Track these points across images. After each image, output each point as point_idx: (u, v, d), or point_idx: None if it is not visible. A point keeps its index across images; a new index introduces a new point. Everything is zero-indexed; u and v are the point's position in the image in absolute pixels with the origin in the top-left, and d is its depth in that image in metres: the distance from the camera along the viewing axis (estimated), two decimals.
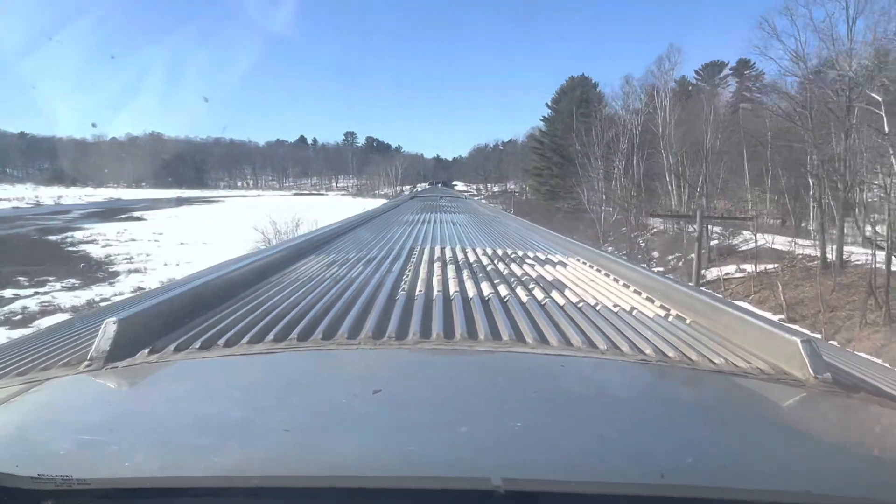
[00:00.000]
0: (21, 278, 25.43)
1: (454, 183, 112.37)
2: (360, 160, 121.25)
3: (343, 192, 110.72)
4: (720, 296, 12.72)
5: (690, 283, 14.56)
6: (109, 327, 1.78)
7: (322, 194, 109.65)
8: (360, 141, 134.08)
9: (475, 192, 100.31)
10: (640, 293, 3.00)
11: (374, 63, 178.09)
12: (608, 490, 0.98)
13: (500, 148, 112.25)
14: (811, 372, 1.71)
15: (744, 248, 28.23)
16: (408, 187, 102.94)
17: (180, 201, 76.64)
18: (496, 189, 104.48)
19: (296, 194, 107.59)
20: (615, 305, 2.69)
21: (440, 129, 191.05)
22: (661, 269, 27.59)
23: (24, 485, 0.94)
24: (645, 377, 1.80)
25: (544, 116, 55.59)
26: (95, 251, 36.46)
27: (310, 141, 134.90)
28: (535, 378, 1.73)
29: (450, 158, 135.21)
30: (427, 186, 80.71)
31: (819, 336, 14.83)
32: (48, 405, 1.53)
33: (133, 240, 41.80)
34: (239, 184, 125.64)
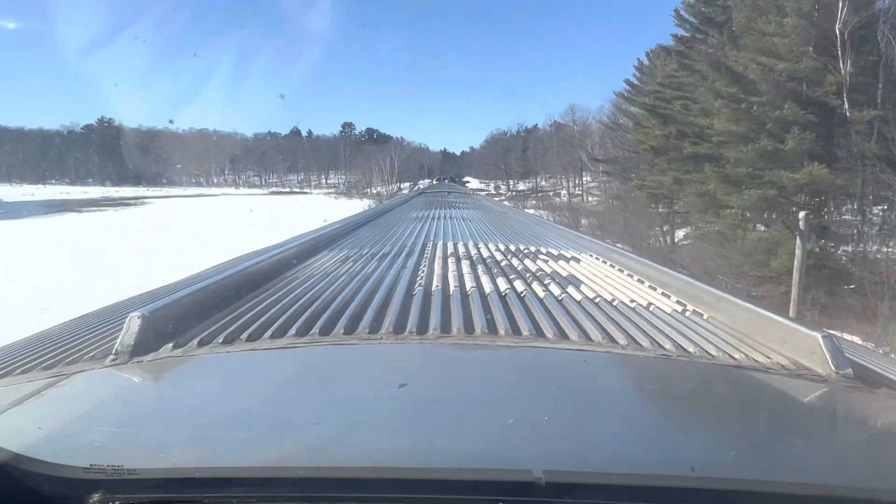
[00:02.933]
0: None
1: (465, 179, 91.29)
2: (356, 153, 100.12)
3: (330, 191, 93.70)
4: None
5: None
6: (133, 322, 1.80)
7: (305, 193, 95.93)
8: (362, 134, 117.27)
9: (493, 192, 78.51)
10: (655, 288, 2.98)
11: (374, 48, 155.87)
12: (643, 482, 0.99)
13: (523, 135, 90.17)
14: (832, 367, 1.69)
15: None
16: (407, 185, 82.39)
17: (49, 208, 56.33)
18: (521, 187, 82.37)
19: (272, 193, 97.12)
20: (632, 301, 2.67)
21: (448, 120, 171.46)
22: None
23: (77, 475, 0.96)
24: (667, 372, 1.78)
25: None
26: None
27: (304, 133, 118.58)
28: (558, 373, 1.73)
29: (458, 153, 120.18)
30: (434, 183, 71.39)
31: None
32: (79, 398, 1.56)
33: None
34: (215, 180, 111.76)
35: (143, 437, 1.19)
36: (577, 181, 72.13)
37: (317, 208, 43.95)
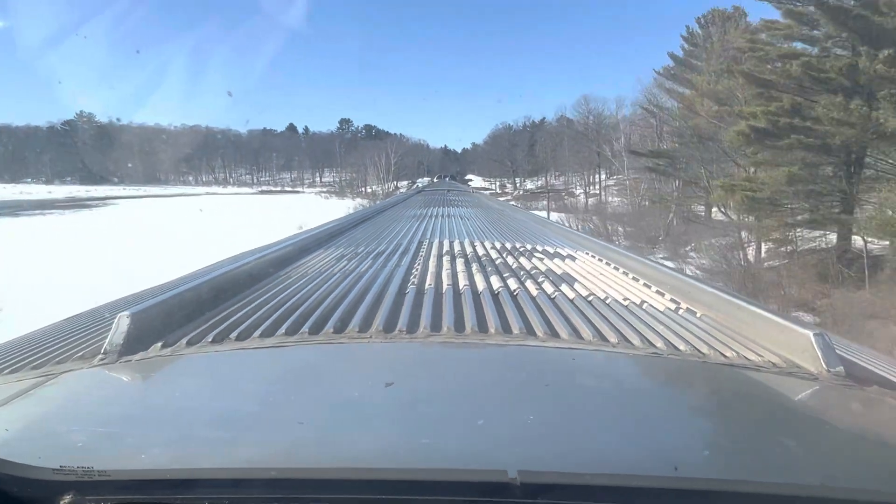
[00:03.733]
0: None
1: (468, 177, 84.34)
2: (352, 150, 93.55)
3: (323, 189, 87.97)
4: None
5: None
6: (123, 321, 1.80)
7: (297, 192, 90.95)
8: (360, 130, 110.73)
9: (498, 191, 71.71)
10: (649, 286, 2.95)
11: (372, 43, 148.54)
12: (623, 483, 0.99)
13: (529, 129, 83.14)
14: (824, 365, 1.69)
15: None
16: (405, 183, 75.72)
17: None
18: (530, 185, 75.48)
19: (260, 192, 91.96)
20: (625, 299, 2.65)
21: (449, 116, 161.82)
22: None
23: (46, 476, 0.96)
24: (656, 371, 1.77)
25: None
26: None
27: (300, 130, 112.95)
28: (547, 371, 1.73)
29: (459, 150, 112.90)
30: (434, 181, 67.26)
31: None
32: (65, 398, 1.56)
33: None
34: (205, 178, 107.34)
35: (121, 438, 1.18)
36: (591, 179, 65.27)
37: (296, 211, 39.29)
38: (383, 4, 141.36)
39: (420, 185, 62.68)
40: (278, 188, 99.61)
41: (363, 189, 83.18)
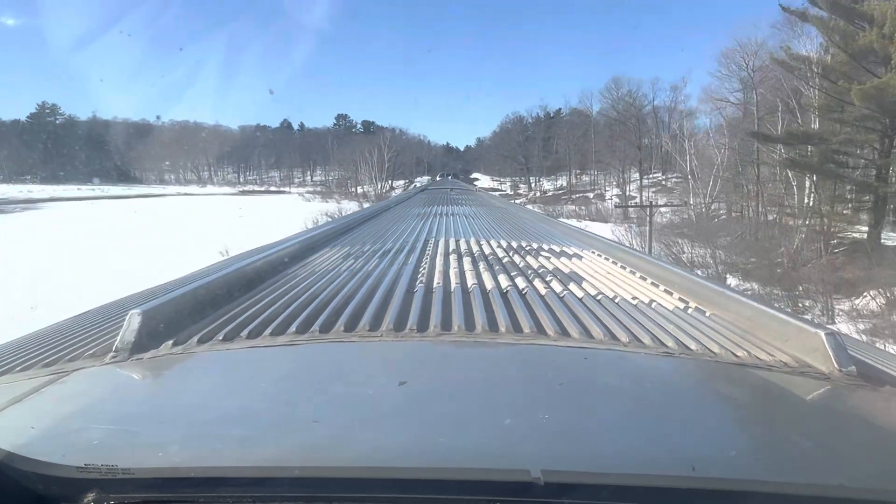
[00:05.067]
0: None
1: (473, 176, 73.45)
2: (345, 146, 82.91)
3: (309, 190, 79.69)
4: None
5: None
6: (134, 319, 1.79)
7: (282, 192, 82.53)
8: (357, 126, 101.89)
9: (510, 192, 60.74)
10: (657, 285, 2.94)
11: (371, 38, 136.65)
12: (643, 482, 0.99)
13: (543, 120, 71.97)
14: (836, 365, 1.68)
15: None
16: (401, 183, 65.05)
17: None
18: (548, 186, 64.39)
19: (241, 193, 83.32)
20: (634, 298, 2.64)
21: (452, 112, 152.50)
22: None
23: (71, 474, 0.96)
24: (668, 370, 1.76)
25: None
26: None
27: (296, 126, 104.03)
28: (559, 371, 1.72)
29: (461, 148, 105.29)
30: (437, 179, 61.13)
31: None
32: (79, 396, 1.55)
33: None
34: (188, 177, 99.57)
35: (140, 436, 1.19)
36: (623, 178, 54.18)
37: (247, 221, 31.73)
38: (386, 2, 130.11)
39: (419, 184, 55.78)
40: (263, 188, 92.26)
41: (354, 189, 72.75)
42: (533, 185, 68.26)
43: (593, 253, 4.17)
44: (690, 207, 35.67)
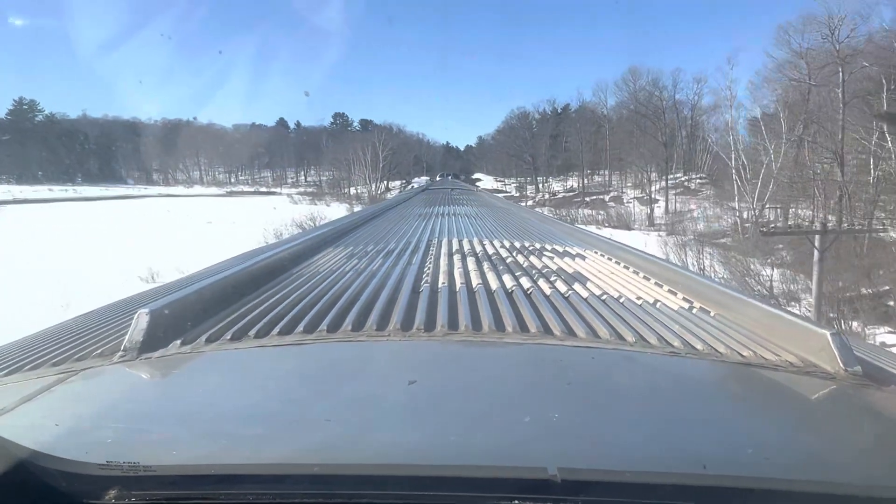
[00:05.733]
0: None
1: (475, 177, 68.59)
2: (339, 144, 77.88)
3: (299, 191, 74.59)
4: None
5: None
6: (142, 318, 1.79)
7: (273, 193, 77.49)
8: (354, 124, 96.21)
9: (516, 194, 55.63)
10: (661, 285, 2.94)
11: (369, 35, 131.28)
12: (658, 480, 1.00)
13: (549, 117, 66.70)
14: (841, 365, 1.68)
15: None
16: (398, 183, 60.45)
17: None
18: (557, 187, 59.25)
19: (228, 194, 78.23)
20: (638, 298, 2.64)
21: (450, 112, 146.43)
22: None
23: (93, 471, 0.97)
24: (675, 369, 1.77)
25: None
26: None
27: (292, 125, 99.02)
28: (567, 370, 1.72)
29: (463, 147, 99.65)
30: (437, 179, 56.46)
31: None
32: (90, 395, 1.57)
33: None
34: (178, 178, 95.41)
35: (155, 434, 1.20)
36: (641, 178, 49.00)
37: (204, 233, 27.63)
38: None
39: (417, 185, 51.67)
40: (252, 189, 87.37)
41: (347, 190, 67.68)
42: (541, 185, 62.96)
43: (596, 253, 4.19)
44: (735, 213, 30.71)
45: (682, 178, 48.80)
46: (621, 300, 2.57)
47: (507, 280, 2.92)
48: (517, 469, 1.00)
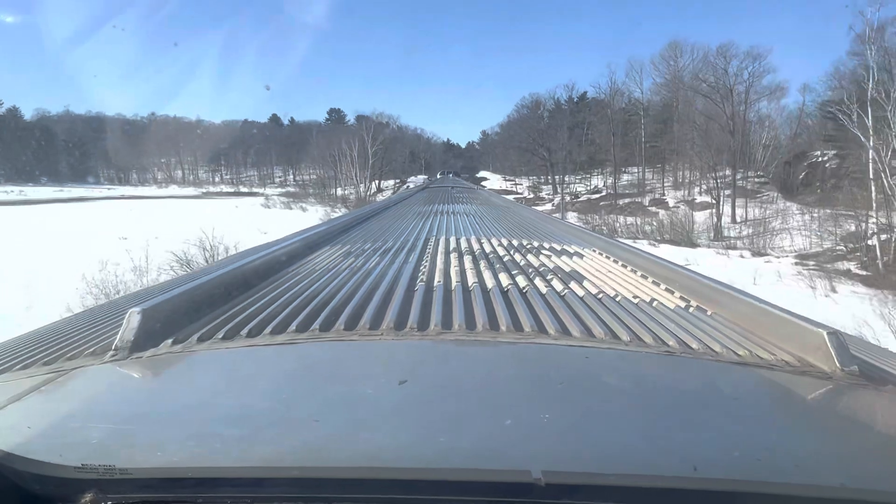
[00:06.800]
0: None
1: (481, 176, 60.54)
2: (330, 139, 69.18)
3: (284, 192, 67.19)
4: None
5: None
6: (133, 317, 1.78)
7: (255, 193, 70.31)
8: (350, 119, 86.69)
9: (530, 195, 47.07)
10: (658, 284, 2.91)
11: (368, 30, 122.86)
12: (646, 483, 0.99)
13: (564, 106, 57.70)
14: (838, 364, 1.67)
15: None
16: (391, 183, 52.52)
17: None
18: (581, 188, 50.45)
19: (203, 195, 71.47)
20: (635, 296, 2.61)
21: (451, 108, 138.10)
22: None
23: (68, 475, 0.96)
24: (670, 369, 1.75)
25: None
26: None
27: (286, 121, 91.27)
28: (560, 370, 1.71)
29: (463, 145, 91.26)
30: (439, 177, 48.48)
31: None
32: (78, 395, 1.55)
33: None
34: (157, 176, 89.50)
35: (138, 435, 1.18)
36: (681, 178, 40.24)
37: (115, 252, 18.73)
38: None
39: (413, 185, 45.18)
40: (232, 190, 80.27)
41: (334, 191, 59.10)
42: (558, 185, 53.77)
43: (594, 251, 4.15)
44: (866, 224, 22.23)
45: (737, 177, 39.88)
46: (617, 298, 2.54)
47: (504, 278, 2.89)
48: (501, 472, 0.98)
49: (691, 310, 2.37)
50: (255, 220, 34.02)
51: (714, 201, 35.19)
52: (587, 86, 62.54)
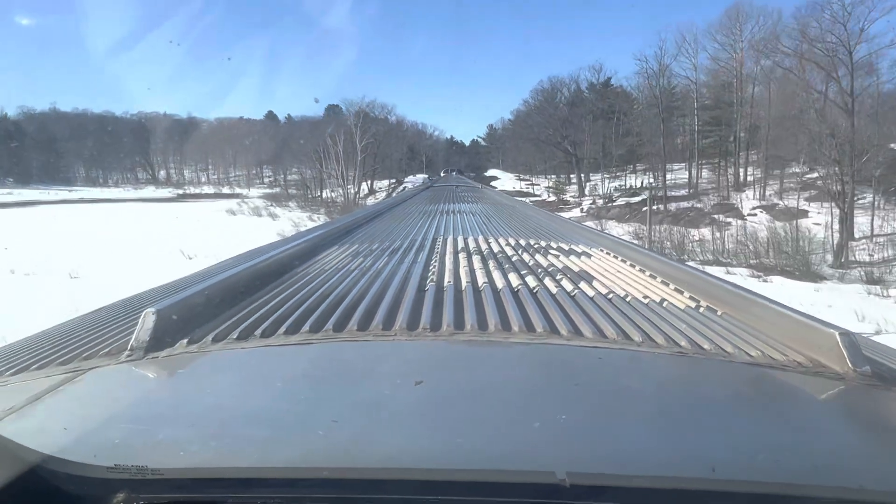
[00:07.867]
0: None
1: (490, 175, 53.24)
2: (320, 136, 61.13)
3: (264, 194, 60.60)
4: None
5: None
6: (148, 318, 1.79)
7: (237, 195, 64.09)
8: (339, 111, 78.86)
9: (554, 199, 39.17)
10: (668, 284, 2.90)
11: (367, 28, 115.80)
12: (667, 484, 0.99)
13: (586, 91, 49.16)
14: (850, 365, 1.66)
15: None
16: (385, 183, 44.44)
17: None
18: (616, 191, 41.91)
19: (178, 198, 66.33)
20: (645, 297, 2.61)
21: (455, 103, 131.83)
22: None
23: (101, 475, 0.97)
24: (683, 370, 1.75)
25: None
26: None
27: (282, 118, 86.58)
28: (574, 371, 1.71)
29: (467, 143, 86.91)
30: (442, 175, 42.03)
31: None
32: (98, 395, 1.56)
33: None
34: (140, 177, 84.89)
35: (162, 435, 1.19)
36: (755, 175, 31.75)
37: None
38: None
39: (411, 185, 39.33)
40: (212, 191, 74.95)
41: (319, 194, 51.08)
42: (585, 185, 44.99)
43: (602, 251, 4.13)
44: None
45: (813, 176, 31.04)
46: (627, 299, 2.53)
47: (513, 278, 2.88)
48: (526, 473, 0.99)
49: (701, 310, 2.36)
50: (185, 236, 25.82)
51: (808, 205, 26.42)
52: (628, 58, 53.32)
